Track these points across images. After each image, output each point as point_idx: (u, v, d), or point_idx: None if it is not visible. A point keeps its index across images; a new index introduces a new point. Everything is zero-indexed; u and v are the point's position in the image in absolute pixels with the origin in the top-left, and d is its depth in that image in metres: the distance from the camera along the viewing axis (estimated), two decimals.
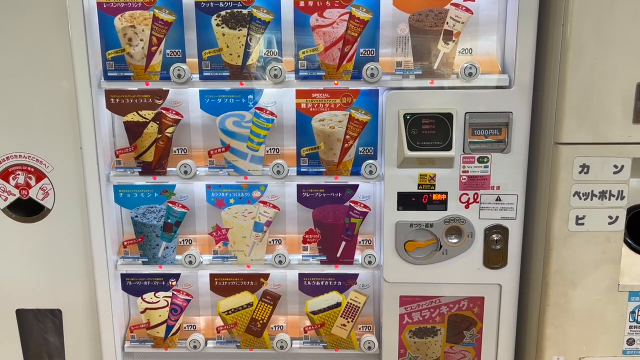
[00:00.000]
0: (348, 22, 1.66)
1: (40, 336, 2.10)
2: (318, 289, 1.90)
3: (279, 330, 1.92)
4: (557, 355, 1.74)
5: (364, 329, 1.92)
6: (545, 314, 1.72)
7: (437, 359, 1.88)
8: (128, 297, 1.97)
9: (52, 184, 1.88)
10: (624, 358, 1.74)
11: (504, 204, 1.73)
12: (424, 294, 1.83)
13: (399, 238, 1.77)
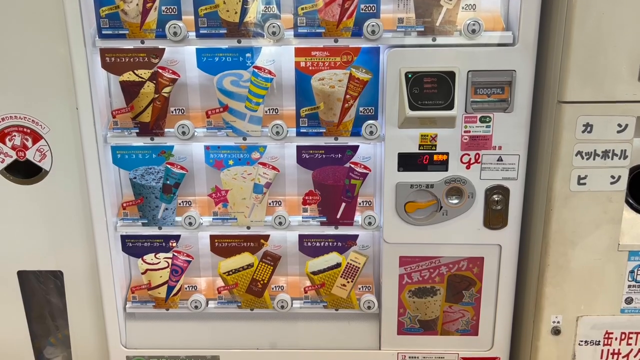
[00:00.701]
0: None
1: (43, 297, 2.12)
2: (318, 250, 1.90)
3: (280, 290, 1.94)
4: (555, 314, 1.76)
5: (364, 289, 1.93)
6: (544, 274, 1.73)
7: (436, 318, 1.90)
8: (129, 258, 1.98)
9: (49, 145, 1.86)
10: (622, 316, 1.76)
11: (506, 164, 1.71)
12: (424, 254, 1.84)
13: (399, 199, 1.76)
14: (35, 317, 2.12)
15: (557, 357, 1.80)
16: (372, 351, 1.94)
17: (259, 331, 1.97)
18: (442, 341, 1.92)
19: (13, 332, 2.07)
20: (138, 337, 1.98)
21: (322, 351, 1.95)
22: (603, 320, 1.77)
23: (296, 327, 1.96)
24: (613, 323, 1.77)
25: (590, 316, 1.76)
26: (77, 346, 2.10)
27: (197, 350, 1.96)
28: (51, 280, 2.08)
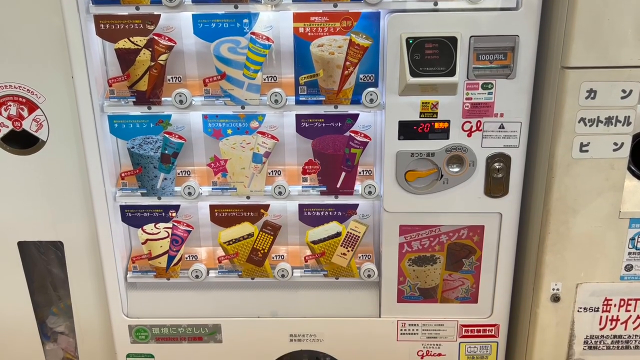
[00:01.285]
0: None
1: (44, 268, 2.13)
2: (318, 220, 1.90)
3: (280, 259, 1.94)
4: (555, 282, 1.77)
5: (364, 258, 1.93)
6: (545, 242, 1.73)
7: (436, 286, 1.91)
8: (129, 228, 1.98)
9: (45, 115, 1.84)
10: (621, 283, 1.77)
11: (507, 132, 1.69)
12: (424, 223, 1.83)
13: (399, 168, 1.75)
14: (37, 287, 2.13)
15: (555, 323, 1.81)
16: (372, 319, 1.95)
17: (259, 300, 1.98)
18: (441, 309, 1.93)
19: (16, 303, 2.09)
20: (139, 306, 2.00)
21: (322, 319, 1.96)
22: (602, 287, 1.77)
23: (297, 296, 1.97)
24: (612, 290, 1.78)
25: (590, 283, 1.77)
26: (79, 316, 2.12)
27: (198, 319, 1.98)
28: (52, 250, 2.08)
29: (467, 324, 1.94)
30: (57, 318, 2.20)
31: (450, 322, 1.94)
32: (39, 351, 2.17)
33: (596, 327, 1.82)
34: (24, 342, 2.15)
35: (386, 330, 1.95)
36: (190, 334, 1.99)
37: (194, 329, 1.99)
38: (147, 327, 1.99)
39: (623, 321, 1.82)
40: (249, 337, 1.99)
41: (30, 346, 2.15)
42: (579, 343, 1.83)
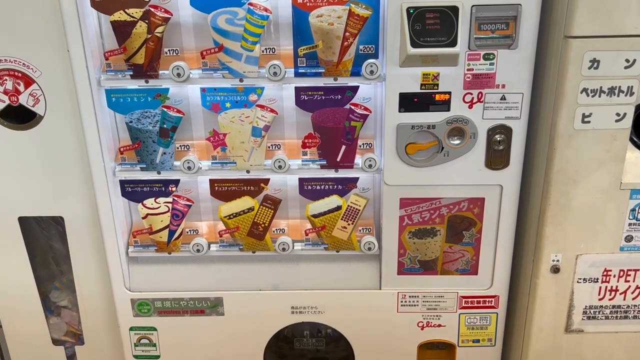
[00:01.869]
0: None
1: (46, 243, 2.13)
2: (318, 193, 1.89)
3: (281, 233, 1.95)
4: (555, 253, 1.77)
5: (364, 231, 1.94)
6: (545, 213, 1.73)
7: (436, 258, 1.92)
8: (129, 203, 1.98)
9: (42, 89, 1.82)
10: (621, 254, 1.77)
11: (509, 103, 1.68)
12: (424, 196, 1.83)
13: (400, 141, 1.73)
14: (39, 262, 2.14)
15: (555, 294, 1.82)
16: (373, 291, 1.97)
17: (260, 273, 1.99)
18: (442, 280, 1.94)
19: (18, 278, 2.10)
20: (141, 280, 2.01)
21: (323, 292, 1.97)
22: (602, 258, 1.78)
23: (297, 269, 1.98)
24: (612, 261, 1.78)
25: (590, 254, 1.77)
26: (82, 290, 2.13)
27: (200, 293, 1.99)
28: (53, 225, 2.09)
29: (467, 296, 1.95)
30: (60, 292, 2.22)
31: (450, 294, 1.95)
32: (43, 325, 2.19)
33: (595, 298, 1.83)
34: (28, 317, 2.17)
35: (386, 302, 1.96)
36: (193, 307, 2.01)
37: (196, 303, 2.00)
38: (149, 300, 2.01)
39: (622, 291, 1.83)
40: (250, 310, 2.01)
41: (34, 320, 2.17)
42: (578, 313, 1.85)
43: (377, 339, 2.03)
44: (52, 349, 2.23)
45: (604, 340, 1.89)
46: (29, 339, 2.21)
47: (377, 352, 2.05)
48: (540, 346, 1.90)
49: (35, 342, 2.21)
